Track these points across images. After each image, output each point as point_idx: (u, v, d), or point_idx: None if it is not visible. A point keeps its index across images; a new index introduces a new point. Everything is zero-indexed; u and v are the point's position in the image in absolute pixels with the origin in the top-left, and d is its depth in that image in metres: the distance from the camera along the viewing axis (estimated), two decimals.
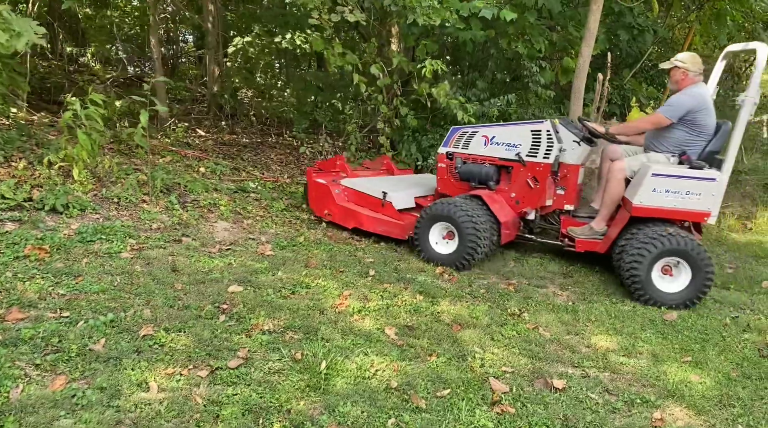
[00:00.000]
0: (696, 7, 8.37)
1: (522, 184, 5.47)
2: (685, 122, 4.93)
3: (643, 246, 4.77)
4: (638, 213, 4.88)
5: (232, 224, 5.56)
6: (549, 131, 5.30)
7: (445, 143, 5.88)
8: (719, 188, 4.71)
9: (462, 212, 5.19)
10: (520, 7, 7.14)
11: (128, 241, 4.62)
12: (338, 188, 5.99)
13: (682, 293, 4.74)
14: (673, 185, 4.76)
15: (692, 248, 4.67)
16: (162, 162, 6.69)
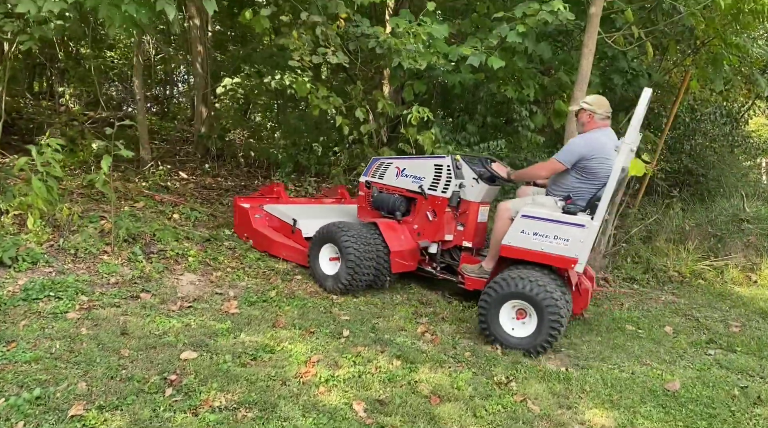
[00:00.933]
0: (692, 52, 8.18)
1: (423, 216, 5.54)
2: (576, 167, 4.78)
3: (492, 287, 4.59)
4: (506, 253, 4.75)
5: (199, 276, 5.18)
6: (449, 167, 5.36)
7: (365, 173, 6.02)
8: (588, 234, 4.44)
9: (346, 236, 5.26)
10: (509, 51, 6.91)
11: (79, 298, 4.24)
12: (259, 213, 6.21)
13: (525, 340, 4.47)
14: (541, 228, 4.59)
15: (537, 294, 4.38)
16: (133, 208, 6.34)
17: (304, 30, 6.36)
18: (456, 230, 5.46)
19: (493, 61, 6.54)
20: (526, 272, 4.56)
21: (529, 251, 4.63)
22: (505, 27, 6.53)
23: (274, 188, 6.83)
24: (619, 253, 7.21)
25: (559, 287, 4.51)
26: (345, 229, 5.32)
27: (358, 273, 5.19)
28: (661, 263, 7.05)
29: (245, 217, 6.18)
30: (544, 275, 4.54)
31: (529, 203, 4.91)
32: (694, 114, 9.81)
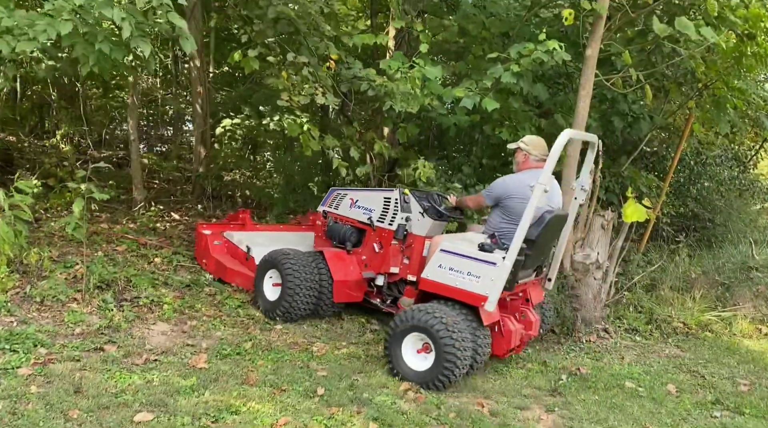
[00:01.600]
0: (695, 94, 8.00)
1: (370, 247, 5.61)
2: (500, 206, 4.87)
3: (397, 318, 4.63)
4: (423, 286, 4.80)
5: (172, 326, 4.93)
6: (397, 200, 5.48)
7: (323, 203, 6.17)
8: (499, 273, 4.44)
9: (289, 262, 5.34)
10: (504, 93, 6.76)
11: (37, 352, 3.99)
12: (219, 239, 6.31)
13: (422, 373, 4.46)
14: (457, 264, 4.62)
15: (436, 328, 4.37)
16: (114, 252, 6.15)
17: (293, 70, 6.25)
18: (402, 263, 5.45)
19: (487, 103, 6.37)
20: (434, 306, 4.57)
21: (444, 286, 4.65)
22: (500, 68, 6.39)
23: (240, 215, 6.92)
24: (620, 302, 6.88)
25: (467, 325, 4.49)
26: (288, 256, 5.41)
27: (297, 300, 5.28)
28: (665, 314, 6.70)
29: (204, 243, 6.28)
30: (452, 311, 4.52)
31: (458, 238, 4.97)
32: (699, 157, 9.56)
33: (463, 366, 4.38)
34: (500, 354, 4.93)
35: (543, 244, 4.88)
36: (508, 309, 5.04)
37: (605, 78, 6.76)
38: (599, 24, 6.23)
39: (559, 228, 5.09)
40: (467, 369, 4.48)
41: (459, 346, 4.32)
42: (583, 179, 5.08)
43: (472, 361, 4.52)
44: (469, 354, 4.43)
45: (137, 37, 4.23)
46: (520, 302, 5.15)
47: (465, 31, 7.72)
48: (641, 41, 7.28)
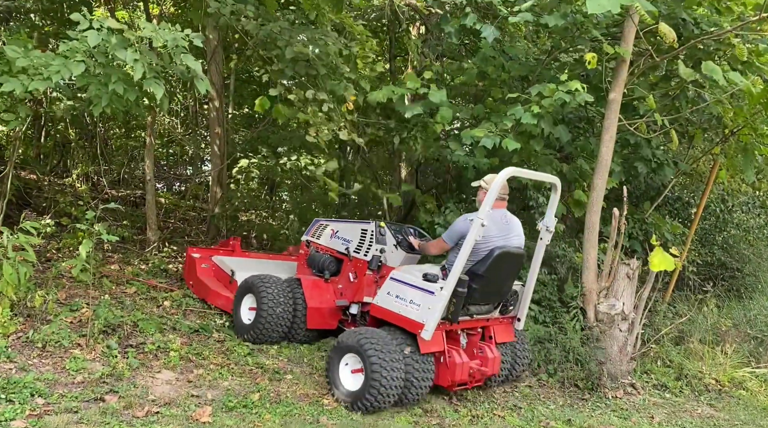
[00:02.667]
0: (720, 140, 7.79)
1: (346, 276, 5.85)
2: (458, 244, 4.87)
3: (339, 338, 4.85)
4: (374, 312, 5.00)
5: (178, 374, 4.72)
6: (372, 232, 5.72)
7: (307, 232, 6.45)
8: (436, 302, 4.58)
9: (265, 287, 5.54)
10: (525, 135, 6.62)
11: (34, 402, 3.80)
12: (207, 263, 6.57)
13: (352, 393, 4.64)
14: (402, 292, 4.81)
15: (363, 347, 4.57)
16: (123, 294, 6.00)
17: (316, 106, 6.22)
18: (375, 293, 5.37)
19: (508, 143, 6.23)
20: (369, 330, 4.79)
21: (389, 312, 4.84)
22: (520, 109, 6.27)
23: (230, 242, 7.23)
24: (648, 355, 6.55)
25: (402, 351, 4.61)
26: (265, 281, 5.62)
27: (270, 323, 5.45)
28: (695, 369, 6.35)
29: (192, 266, 6.53)
30: (388, 336, 4.66)
31: (414, 270, 5.05)
32: (725, 204, 9.28)
33: (390, 390, 4.48)
34: (445, 385, 4.97)
35: (494, 280, 4.91)
36: (460, 343, 5.10)
37: (628, 122, 6.60)
38: (623, 68, 6.11)
39: (515, 266, 5.08)
40: (397, 394, 4.56)
41: (388, 367, 4.45)
42: (548, 220, 5.25)
43: (404, 389, 4.62)
44: (399, 376, 4.52)
45: (150, 79, 4.18)
46: (478, 338, 5.24)
47: (484, 74, 7.66)
48: (665, 86, 7.14)
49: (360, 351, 4.59)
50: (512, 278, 5.17)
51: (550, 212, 5.29)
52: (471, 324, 5.11)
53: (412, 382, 4.63)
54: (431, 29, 8.98)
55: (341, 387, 4.72)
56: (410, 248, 5.59)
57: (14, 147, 7.12)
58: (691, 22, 6.41)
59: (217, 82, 9.50)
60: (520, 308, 5.44)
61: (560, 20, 6.26)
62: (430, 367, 4.76)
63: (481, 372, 5.02)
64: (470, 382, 5.08)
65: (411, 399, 4.71)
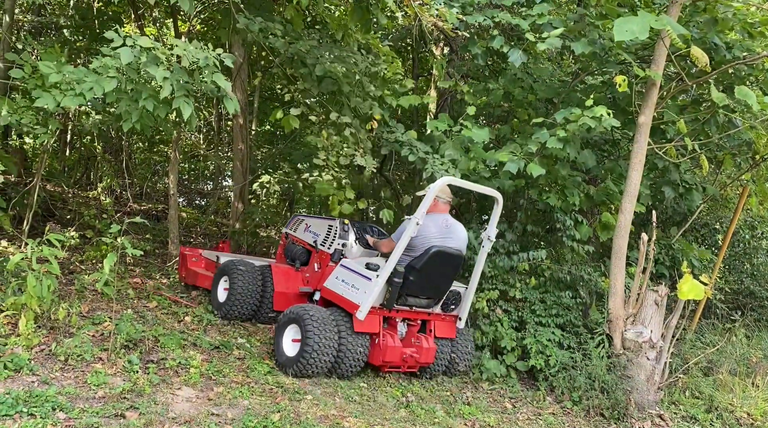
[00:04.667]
0: (750, 166, 7.65)
1: (312, 267, 6.39)
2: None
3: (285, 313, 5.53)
4: (324, 294, 5.69)
5: (198, 392, 4.67)
6: (336, 228, 6.26)
7: (287, 225, 7.08)
8: (372, 287, 5.23)
9: (237, 270, 6.18)
10: (551, 158, 6.54)
11: (55, 416, 3.77)
12: (197, 256, 7.26)
13: (290, 359, 5.27)
14: (347, 277, 5.50)
15: (303, 319, 5.22)
16: (144, 308, 5.99)
17: (334, 130, 6.19)
18: None
19: (533, 169, 6.17)
20: (310, 306, 5.47)
21: (335, 294, 5.53)
22: (545, 133, 6.20)
23: (220, 244, 8.11)
24: (675, 385, 6.37)
25: (337, 324, 5.30)
26: (238, 265, 6.24)
27: (239, 303, 6.09)
28: (726, 401, 6.15)
29: (184, 260, 7.25)
30: (327, 313, 5.33)
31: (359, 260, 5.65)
32: (754, 231, 9.09)
33: (321, 357, 5.11)
34: (376, 364, 5.54)
35: (430, 275, 5.47)
36: (397, 330, 5.69)
37: (657, 146, 6.51)
38: (653, 91, 6.03)
39: (451, 265, 5.55)
40: (327, 364, 5.18)
41: (320, 338, 5.10)
42: (490, 231, 5.82)
43: (336, 362, 5.26)
44: (330, 349, 5.16)
45: (179, 98, 4.19)
46: (417, 329, 5.80)
47: (510, 95, 7.62)
48: (695, 110, 7.04)
49: (301, 322, 5.22)
50: (449, 276, 5.64)
51: (492, 224, 5.86)
52: (410, 315, 5.70)
53: (343, 357, 5.25)
54: (456, 50, 8.99)
55: (282, 352, 5.36)
56: (368, 244, 6.10)
57: (42, 160, 7.22)
58: (723, 47, 6.33)
59: (241, 99, 9.57)
60: (462, 308, 6.00)
61: (588, 47, 6.23)
62: (362, 346, 5.36)
63: (414, 358, 5.59)
64: (403, 366, 5.65)
65: (343, 372, 5.30)
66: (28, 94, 4.53)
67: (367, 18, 6.77)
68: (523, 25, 6.36)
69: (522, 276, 7.01)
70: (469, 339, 6.27)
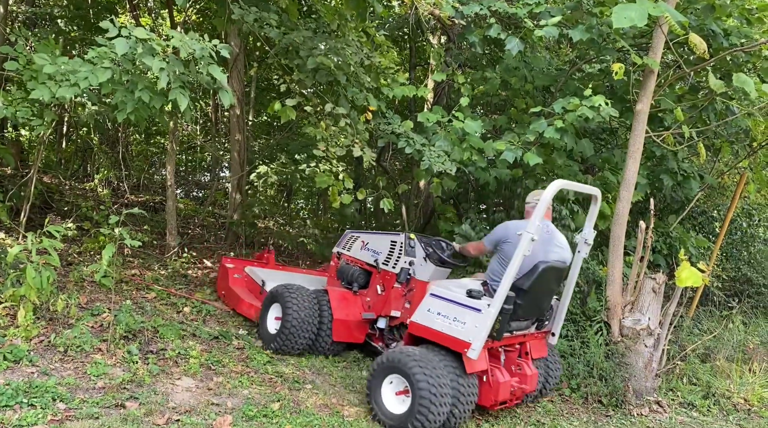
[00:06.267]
0: (747, 154, 7.65)
1: (374, 289, 5.73)
2: (497, 250, 4.90)
3: (379, 359, 4.62)
4: (413, 330, 4.79)
5: (198, 382, 4.68)
6: (402, 244, 5.60)
7: (338, 244, 6.35)
8: (483, 320, 4.41)
9: (291, 297, 5.45)
10: (547, 148, 6.54)
11: (55, 407, 3.78)
12: (239, 273, 6.55)
13: (398, 417, 4.40)
14: (444, 309, 4.62)
15: (411, 369, 4.33)
16: (143, 299, 6.00)
17: (331, 120, 6.17)
18: (403, 307, 5.45)
19: (530, 158, 6.17)
20: (414, 349, 4.57)
21: (431, 330, 4.64)
22: (543, 122, 6.19)
23: (265, 254, 7.21)
24: (673, 372, 6.40)
25: (449, 371, 4.44)
26: (291, 291, 5.54)
27: (294, 334, 5.35)
28: (723, 387, 6.19)
29: (225, 275, 6.56)
30: (434, 356, 4.48)
31: (452, 285, 4.86)
32: (751, 219, 9.11)
33: (439, 412, 4.27)
34: (488, 405, 4.80)
35: (537, 295, 4.81)
36: (500, 360, 4.94)
37: (654, 134, 6.50)
38: (650, 79, 6.01)
39: (557, 280, 5.00)
40: (445, 416, 4.34)
41: (436, 391, 4.24)
42: (587, 233, 5.17)
43: (452, 408, 4.41)
44: (447, 401, 4.33)
45: (176, 89, 4.18)
46: (516, 355, 5.09)
47: (507, 84, 7.60)
48: (692, 98, 7.03)
49: (406, 370, 4.35)
50: (553, 292, 5.06)
51: (589, 224, 5.20)
52: (510, 341, 4.94)
53: (456, 404, 4.43)
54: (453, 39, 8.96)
55: (385, 409, 4.49)
56: (440, 261, 5.45)
57: (38, 152, 7.19)
58: (720, 34, 6.31)
59: (238, 90, 9.54)
60: (555, 322, 5.33)
61: (585, 34, 6.20)
62: (474, 387, 4.60)
63: (522, 389, 4.89)
64: (511, 400, 4.94)
65: (455, 422, 4.48)
66: (23, 85, 4.51)
67: (364, 6, 6.73)
68: (521, 13, 6.33)
69: None
70: (556, 354, 5.68)
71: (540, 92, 7.99)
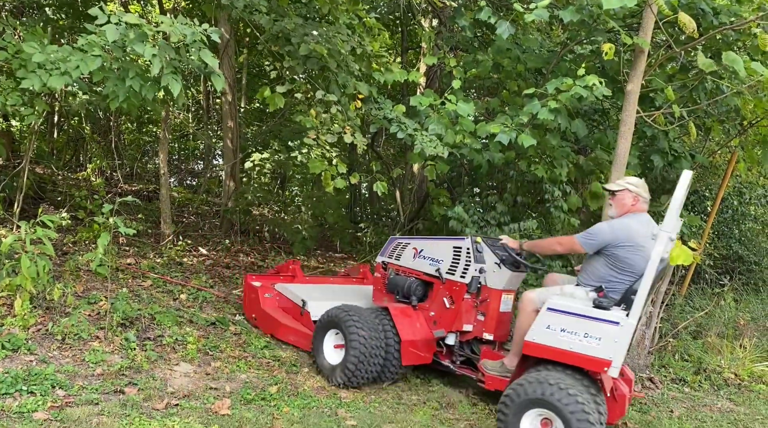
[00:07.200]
0: (738, 132, 7.69)
1: (440, 302, 5.06)
2: (605, 255, 4.33)
3: (511, 392, 3.99)
4: (529, 351, 4.19)
5: (196, 367, 4.73)
6: (469, 249, 4.95)
7: (382, 253, 5.67)
8: (623, 334, 3.91)
9: (352, 321, 4.80)
10: (541, 128, 6.56)
11: (55, 394, 3.82)
12: (270, 292, 5.81)
13: None
14: (569, 324, 4.05)
15: (564, 402, 3.76)
16: (139, 287, 6.02)
17: (322, 107, 6.17)
18: (476, 320, 4.96)
19: (524, 139, 6.18)
20: (551, 374, 4.00)
21: (556, 350, 4.08)
22: (537, 103, 6.20)
23: (290, 266, 6.44)
24: (665, 349, 6.50)
25: (591, 393, 3.98)
26: (351, 314, 4.88)
27: (363, 363, 4.71)
28: (714, 363, 6.29)
29: (254, 296, 5.80)
30: (573, 379, 4.00)
31: (557, 293, 4.37)
32: (742, 197, 9.18)
33: None
34: (612, 421, 4.37)
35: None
36: None
37: (645, 114, 6.53)
38: (641, 59, 6.02)
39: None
40: None
41: (593, 420, 3.73)
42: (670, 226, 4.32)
43: None
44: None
45: (168, 75, 4.17)
46: None
47: (499, 66, 7.60)
48: (683, 77, 7.04)
49: (554, 404, 3.80)
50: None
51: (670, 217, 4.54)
52: None
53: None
54: (445, 22, 8.93)
55: None
56: (515, 265, 4.89)
57: (30, 142, 7.17)
58: (710, 12, 6.31)
59: (229, 76, 9.50)
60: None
61: (576, 15, 6.19)
62: (604, 406, 4.11)
63: (624, 396, 4.49)
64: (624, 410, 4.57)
65: None
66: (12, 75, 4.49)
67: None
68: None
69: None
70: None
71: (532, 74, 7.98)
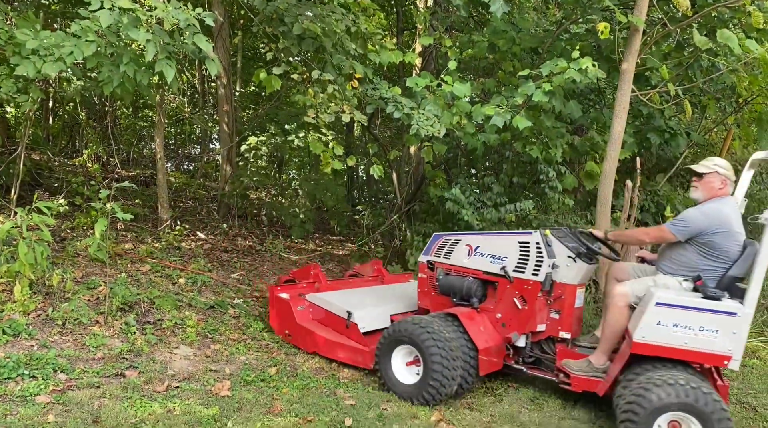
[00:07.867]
0: (734, 110, 7.69)
1: (508, 303, 4.68)
2: (697, 243, 4.14)
3: (642, 394, 3.72)
4: (640, 350, 3.96)
5: (195, 350, 4.79)
6: (539, 244, 4.59)
7: (426, 251, 5.25)
8: (742, 324, 3.78)
9: (428, 334, 4.36)
10: (536, 110, 6.56)
11: (56, 377, 3.88)
12: (302, 304, 5.27)
13: None
14: (682, 318, 3.86)
15: (706, 404, 3.58)
16: (138, 272, 6.06)
17: (319, 87, 6.16)
18: (549, 319, 4.64)
19: (519, 121, 6.19)
20: (672, 374, 3.79)
21: (671, 348, 3.88)
22: (531, 85, 6.20)
23: (311, 271, 5.83)
24: None
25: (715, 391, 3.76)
26: (426, 328, 4.42)
27: (446, 377, 4.29)
28: None
29: (286, 310, 5.19)
30: (698, 376, 3.87)
31: (651, 285, 4.19)
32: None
33: None
34: None
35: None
36: None
37: (641, 93, 6.53)
38: (635, 37, 6.02)
39: None
40: None
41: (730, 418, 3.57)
42: None
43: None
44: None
45: (162, 60, 4.16)
46: None
47: (494, 46, 7.57)
48: (678, 55, 7.04)
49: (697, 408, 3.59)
50: None
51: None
52: None
53: None
54: (440, 2, 8.87)
55: None
56: (588, 257, 4.61)
57: (25, 128, 7.16)
58: None
59: (223, 60, 9.45)
60: None
61: None
62: None
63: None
64: None
65: None
66: (6, 61, 4.48)
67: None
68: None
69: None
70: None
71: (528, 54, 7.97)
